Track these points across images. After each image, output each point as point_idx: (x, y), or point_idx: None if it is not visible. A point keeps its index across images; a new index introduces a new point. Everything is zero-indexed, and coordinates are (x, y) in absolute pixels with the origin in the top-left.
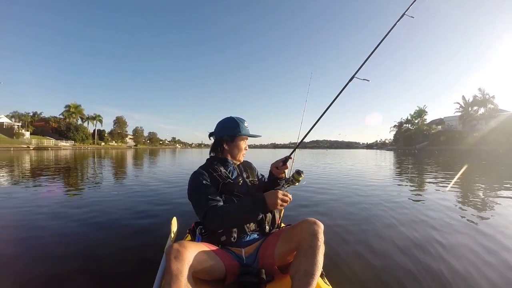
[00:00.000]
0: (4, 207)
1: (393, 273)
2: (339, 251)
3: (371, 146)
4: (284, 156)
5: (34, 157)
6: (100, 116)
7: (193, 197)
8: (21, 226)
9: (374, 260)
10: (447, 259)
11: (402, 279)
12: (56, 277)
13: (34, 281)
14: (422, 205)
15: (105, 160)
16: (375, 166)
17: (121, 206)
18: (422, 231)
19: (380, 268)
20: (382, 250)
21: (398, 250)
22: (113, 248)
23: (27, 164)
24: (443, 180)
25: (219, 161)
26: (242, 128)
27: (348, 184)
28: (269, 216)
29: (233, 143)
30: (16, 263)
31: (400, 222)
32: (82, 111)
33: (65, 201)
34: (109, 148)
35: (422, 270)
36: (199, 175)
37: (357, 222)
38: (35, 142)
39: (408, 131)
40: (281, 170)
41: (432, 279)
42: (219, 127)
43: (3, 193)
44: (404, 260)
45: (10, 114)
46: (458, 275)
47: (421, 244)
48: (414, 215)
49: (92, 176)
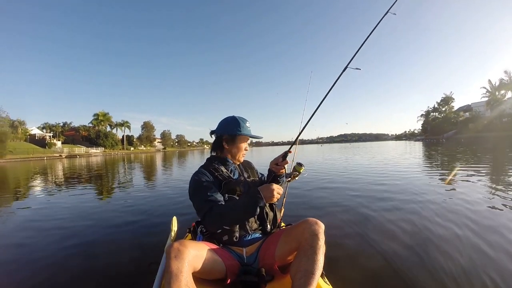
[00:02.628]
0: None
1: (393, 273)
2: (340, 251)
3: (399, 137)
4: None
5: (66, 165)
6: (128, 122)
7: (194, 198)
8: (18, 228)
9: (374, 260)
10: (447, 258)
11: (402, 279)
12: (56, 277)
13: (33, 281)
14: (429, 203)
15: (131, 164)
16: (385, 160)
17: (122, 205)
18: (423, 232)
19: (380, 268)
20: (383, 250)
21: (399, 251)
22: (113, 247)
23: (59, 171)
24: (465, 174)
25: (219, 160)
26: (243, 127)
27: (350, 182)
28: (270, 214)
29: (233, 143)
30: (15, 264)
31: (402, 224)
32: (110, 118)
33: (67, 201)
34: (138, 152)
35: (423, 270)
36: (200, 175)
37: (358, 222)
38: (66, 150)
39: (435, 120)
40: (282, 165)
41: (433, 279)
42: (220, 126)
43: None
44: (404, 260)
45: (41, 125)
46: (462, 272)
47: (422, 244)
48: (420, 214)
49: (106, 179)
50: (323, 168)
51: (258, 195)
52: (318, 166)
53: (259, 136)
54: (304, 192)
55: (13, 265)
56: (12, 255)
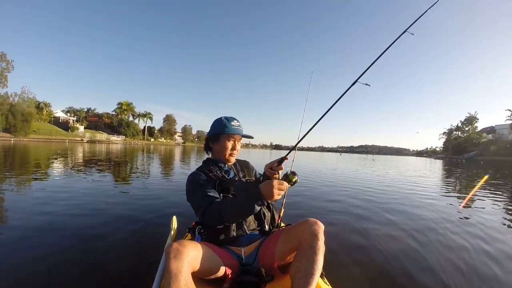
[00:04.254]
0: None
1: (393, 273)
2: (340, 251)
3: (421, 154)
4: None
5: (86, 149)
6: (151, 114)
7: (191, 198)
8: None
9: (374, 261)
10: (446, 260)
11: (402, 279)
12: (55, 276)
13: (31, 280)
14: (426, 210)
15: (149, 155)
16: (397, 174)
17: (124, 202)
18: (423, 235)
19: (380, 268)
20: (382, 250)
21: (399, 251)
22: (112, 247)
23: (79, 154)
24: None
25: (213, 162)
26: (227, 126)
27: (353, 186)
28: (268, 214)
29: (218, 142)
30: (13, 263)
31: (401, 225)
32: (133, 108)
33: (68, 196)
34: (158, 144)
35: (422, 271)
36: (196, 176)
37: (357, 222)
38: (88, 135)
39: (458, 139)
40: (276, 170)
41: (434, 279)
42: (210, 127)
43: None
44: (404, 261)
45: (66, 109)
46: (458, 276)
47: (421, 245)
48: (420, 220)
49: (118, 168)
50: (332, 175)
51: (257, 192)
52: (333, 173)
53: (249, 136)
54: (304, 192)
55: (4, 265)
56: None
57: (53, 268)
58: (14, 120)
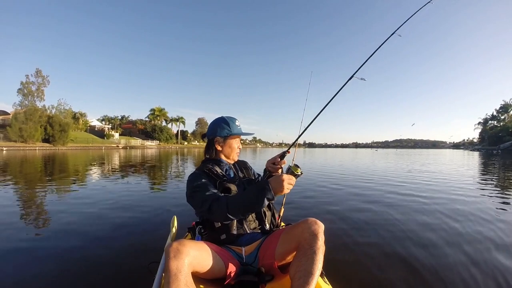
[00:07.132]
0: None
1: (393, 273)
2: (340, 251)
3: (457, 146)
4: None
5: (122, 154)
6: (183, 118)
7: (193, 197)
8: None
9: (374, 261)
10: (446, 260)
11: (402, 279)
12: (55, 276)
13: (30, 280)
14: (426, 210)
15: (183, 157)
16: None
17: (122, 205)
18: (423, 232)
19: (380, 268)
20: (382, 250)
21: (399, 252)
22: (112, 246)
23: (116, 160)
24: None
25: (214, 162)
26: (233, 127)
27: (352, 184)
28: (268, 213)
29: (225, 143)
30: (13, 262)
31: (401, 224)
32: (166, 113)
33: (68, 196)
34: (191, 147)
35: (422, 270)
36: (197, 176)
37: (358, 222)
38: (123, 142)
39: (494, 129)
40: (279, 165)
41: (434, 279)
42: (210, 128)
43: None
44: (403, 260)
45: (101, 117)
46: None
47: (421, 244)
48: (418, 216)
49: (118, 171)
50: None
51: (266, 186)
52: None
53: (250, 133)
54: (304, 192)
55: (10, 264)
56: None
57: (53, 268)
58: (52, 131)
